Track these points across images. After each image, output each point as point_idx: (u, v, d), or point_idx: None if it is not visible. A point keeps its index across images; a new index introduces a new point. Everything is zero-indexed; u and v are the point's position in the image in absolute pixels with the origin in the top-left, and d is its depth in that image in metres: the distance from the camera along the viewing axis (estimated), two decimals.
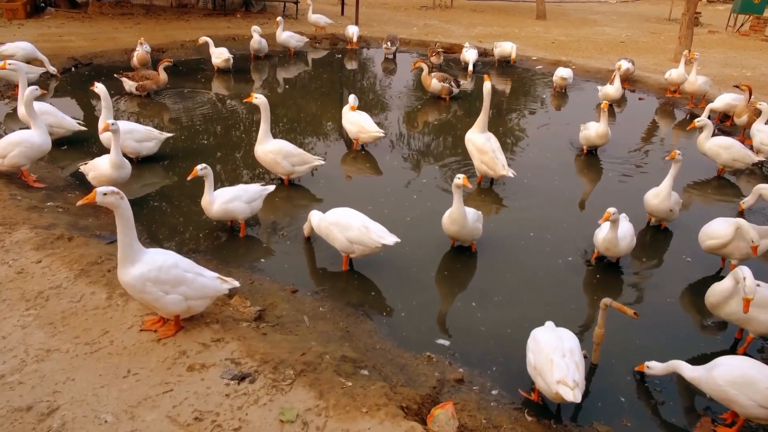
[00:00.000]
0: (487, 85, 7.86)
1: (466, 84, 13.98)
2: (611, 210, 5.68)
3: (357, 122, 9.06)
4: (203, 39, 13.67)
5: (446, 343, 5.05)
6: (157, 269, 4.26)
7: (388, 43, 16.35)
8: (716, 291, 5.00)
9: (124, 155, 7.08)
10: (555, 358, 4.01)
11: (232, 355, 4.30)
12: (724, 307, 4.92)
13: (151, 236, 6.41)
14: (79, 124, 8.69)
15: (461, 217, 6.03)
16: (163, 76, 11.25)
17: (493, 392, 4.48)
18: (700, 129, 8.86)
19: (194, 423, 3.68)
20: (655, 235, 7.18)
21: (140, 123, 8.71)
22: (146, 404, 3.80)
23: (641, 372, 4.68)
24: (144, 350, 4.30)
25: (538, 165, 9.20)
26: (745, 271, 4.65)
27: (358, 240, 5.70)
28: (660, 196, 6.80)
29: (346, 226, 5.74)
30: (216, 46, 13.90)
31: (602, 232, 6.07)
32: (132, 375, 4.05)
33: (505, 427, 4.07)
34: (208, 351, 4.33)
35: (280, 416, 3.77)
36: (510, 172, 7.85)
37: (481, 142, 7.87)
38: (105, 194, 4.13)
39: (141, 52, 12.50)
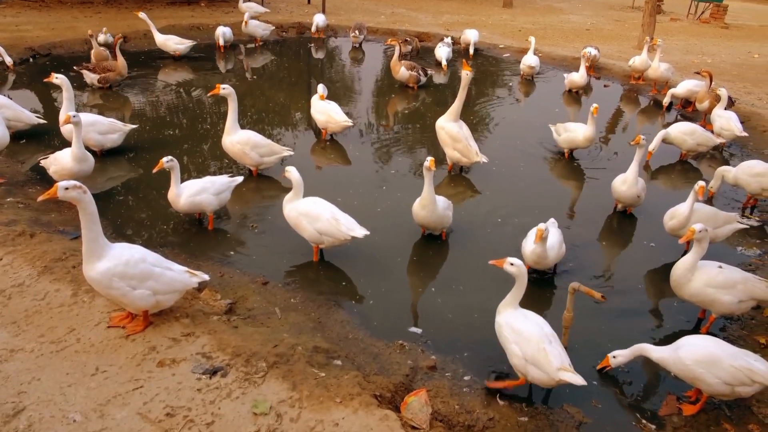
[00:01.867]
0: (466, 74, 7.79)
1: (440, 77, 13.95)
2: (542, 226, 5.37)
3: (325, 111, 8.99)
4: (142, 15, 13.03)
5: (418, 331, 5.08)
6: (123, 264, 4.18)
7: (356, 32, 16.23)
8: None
9: (87, 148, 6.91)
10: (546, 347, 4.06)
11: (203, 349, 4.26)
12: (687, 285, 5.04)
13: (116, 231, 6.29)
14: (37, 117, 8.43)
15: (431, 202, 6.05)
16: (122, 62, 10.86)
17: (466, 378, 4.52)
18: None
19: (166, 419, 3.64)
20: (621, 221, 7.31)
21: (103, 115, 8.51)
22: (116, 402, 3.74)
23: (605, 367, 4.60)
24: (112, 347, 4.23)
25: (504, 152, 9.27)
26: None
27: (327, 232, 5.67)
28: (628, 182, 6.91)
29: (316, 218, 5.70)
30: (179, 35, 13.63)
31: (530, 245, 5.61)
32: (100, 373, 3.98)
33: (478, 411, 4.12)
34: (179, 346, 4.28)
35: (253, 409, 3.75)
36: (483, 159, 7.91)
37: (455, 131, 7.89)
38: (67, 189, 4.03)
39: (97, 49, 11.84)
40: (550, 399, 4.42)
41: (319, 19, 17.05)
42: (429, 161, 5.89)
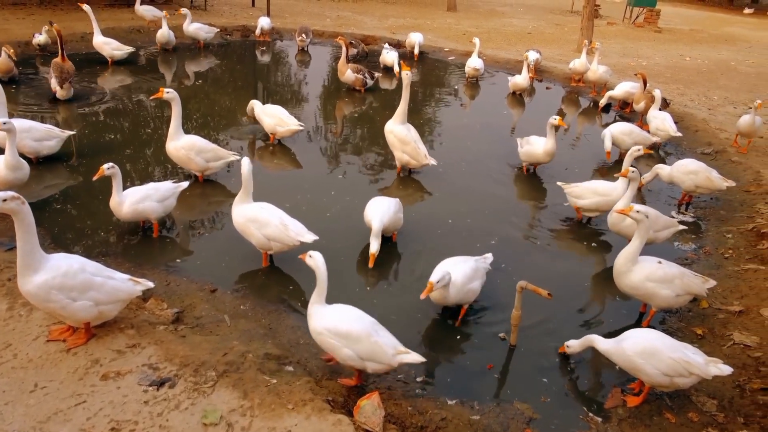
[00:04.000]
0: (406, 75, 7.86)
1: (389, 82, 14.00)
2: (434, 278, 4.78)
3: (275, 114, 8.90)
4: (86, 7, 12.25)
5: None
6: (62, 275, 4.03)
7: (303, 35, 16.14)
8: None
9: (22, 155, 6.62)
10: (378, 339, 4.17)
11: (149, 360, 4.14)
12: (627, 275, 5.20)
13: (55, 241, 6.04)
14: None
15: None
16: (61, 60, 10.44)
17: (418, 379, 4.56)
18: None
19: None
20: (563, 223, 7.50)
21: (39, 120, 8.16)
22: (57, 419, 3.60)
23: (563, 353, 4.86)
24: (52, 362, 4.07)
25: (451, 154, 9.38)
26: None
27: (275, 237, 5.61)
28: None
29: (264, 223, 5.63)
30: (119, 38, 13.21)
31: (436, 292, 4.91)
32: (40, 389, 3.82)
33: (430, 412, 4.15)
34: (124, 358, 4.15)
35: (202, 419, 3.67)
36: (431, 161, 7.99)
37: (403, 134, 7.95)
38: (5, 200, 3.86)
39: (3, 58, 10.55)
40: (501, 396, 4.50)
41: (263, 22, 16.88)
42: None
